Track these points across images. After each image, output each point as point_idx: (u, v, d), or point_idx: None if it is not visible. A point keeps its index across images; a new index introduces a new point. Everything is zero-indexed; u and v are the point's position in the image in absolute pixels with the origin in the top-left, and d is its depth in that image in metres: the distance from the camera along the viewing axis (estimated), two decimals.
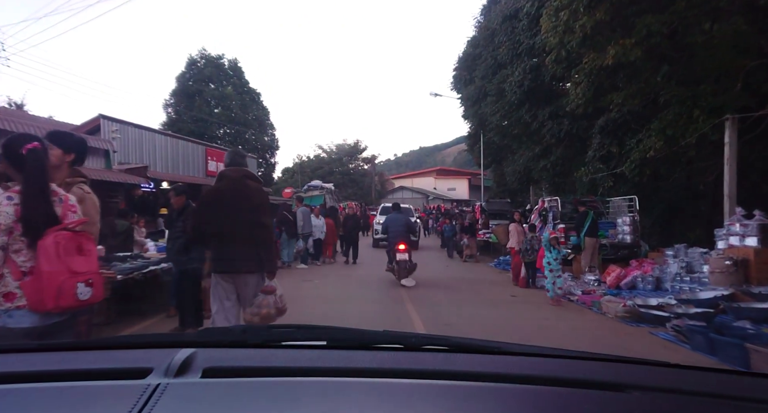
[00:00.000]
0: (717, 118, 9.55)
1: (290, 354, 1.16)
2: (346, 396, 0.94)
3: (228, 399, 0.90)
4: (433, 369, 1.06)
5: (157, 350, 1.17)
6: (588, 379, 1.04)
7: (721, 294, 6.84)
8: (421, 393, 0.96)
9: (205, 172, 20.87)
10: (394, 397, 0.94)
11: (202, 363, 1.02)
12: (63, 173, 2.94)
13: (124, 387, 0.94)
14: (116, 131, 15.33)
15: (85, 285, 2.20)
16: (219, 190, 4.06)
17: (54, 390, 0.95)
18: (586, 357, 1.22)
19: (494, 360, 1.19)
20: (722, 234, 8.22)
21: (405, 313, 7.06)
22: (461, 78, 22.42)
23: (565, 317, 7.26)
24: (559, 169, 17.18)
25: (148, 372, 0.98)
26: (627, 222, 11.43)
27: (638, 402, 0.96)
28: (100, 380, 0.99)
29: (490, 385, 0.99)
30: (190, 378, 0.97)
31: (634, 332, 6.21)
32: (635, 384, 1.01)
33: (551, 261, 8.56)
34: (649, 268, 9.71)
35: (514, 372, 1.07)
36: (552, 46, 11.23)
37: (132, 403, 0.86)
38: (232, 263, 3.90)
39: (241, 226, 3.88)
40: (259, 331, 1.50)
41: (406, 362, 1.12)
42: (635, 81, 10.80)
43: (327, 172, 45.77)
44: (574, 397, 0.96)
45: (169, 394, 0.89)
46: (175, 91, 34.52)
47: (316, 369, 1.04)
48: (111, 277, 5.11)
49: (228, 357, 1.12)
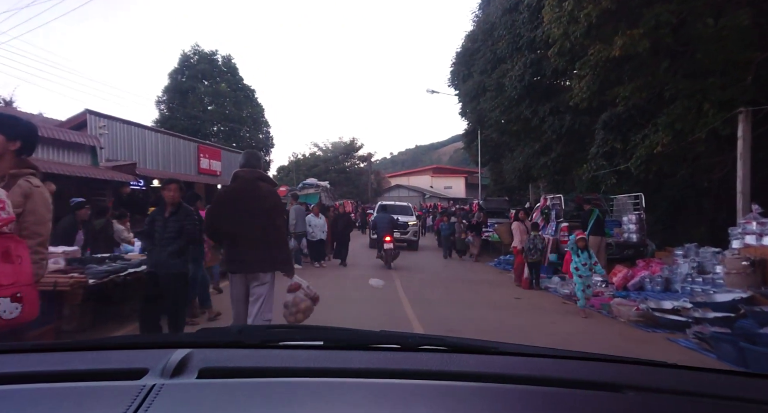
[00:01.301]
0: (728, 111, 9.17)
1: (287, 355, 1.15)
2: (342, 396, 0.92)
3: (224, 400, 0.89)
4: (430, 370, 1.05)
5: (153, 350, 1.16)
6: (585, 379, 1.04)
7: (740, 297, 6.43)
8: (419, 393, 0.95)
9: (197, 170, 20.40)
10: (391, 398, 0.92)
11: (198, 364, 1.01)
12: (5, 163, 2.51)
13: (119, 387, 0.93)
14: (103, 127, 14.87)
15: (11, 300, 1.75)
16: (233, 191, 4.19)
17: (49, 391, 0.94)
18: (584, 357, 1.22)
19: (492, 360, 1.18)
20: (737, 232, 7.83)
21: (404, 317, 6.65)
22: (459, 73, 21.98)
23: (574, 321, 6.85)
24: (560, 166, 16.80)
25: (143, 372, 0.97)
26: (633, 221, 11.03)
27: (635, 402, 0.95)
28: (95, 381, 0.97)
29: (487, 385, 0.98)
30: (186, 379, 0.96)
31: (650, 338, 5.80)
32: (632, 384, 1.00)
33: (579, 266, 7.65)
34: (657, 268, 9.32)
35: (511, 372, 1.06)
36: (555, 38, 10.79)
37: (127, 404, 0.84)
38: (246, 263, 4.01)
39: (254, 227, 3.97)
40: (255, 331, 1.50)
41: (404, 362, 1.11)
42: (642, 73, 10.38)
43: (323, 171, 45.26)
44: (572, 397, 0.95)
45: (164, 395, 0.88)
46: (168, 88, 34.01)
47: (312, 370, 1.03)
48: (81, 282, 4.68)
49: (224, 357, 1.10)
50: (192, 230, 5.04)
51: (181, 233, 4.95)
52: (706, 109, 9.45)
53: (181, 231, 4.96)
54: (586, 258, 7.66)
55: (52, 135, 12.35)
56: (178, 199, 5.04)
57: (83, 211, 7.00)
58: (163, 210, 5.04)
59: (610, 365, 1.20)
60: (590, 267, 7.64)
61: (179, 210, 5.02)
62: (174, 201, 5.01)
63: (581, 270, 7.59)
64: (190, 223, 5.02)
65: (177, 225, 4.94)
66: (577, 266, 7.67)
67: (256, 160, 4.31)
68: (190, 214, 5.10)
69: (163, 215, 5.00)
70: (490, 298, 8.78)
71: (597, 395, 0.98)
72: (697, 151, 10.15)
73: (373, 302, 7.85)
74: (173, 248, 4.91)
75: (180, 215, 4.99)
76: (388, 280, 9.78)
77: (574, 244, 7.80)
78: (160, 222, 4.99)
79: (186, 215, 5.04)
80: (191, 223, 5.03)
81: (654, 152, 10.14)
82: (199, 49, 35.11)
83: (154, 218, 5.06)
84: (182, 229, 4.95)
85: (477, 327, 6.21)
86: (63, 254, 5.66)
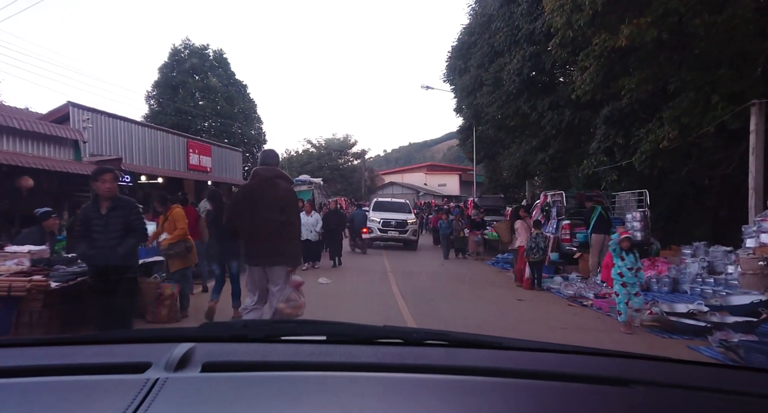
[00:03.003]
0: (738, 104, 8.80)
1: (290, 349, 1.14)
2: (346, 390, 0.92)
3: (228, 394, 0.88)
4: (434, 364, 1.04)
5: (157, 344, 1.15)
6: (590, 374, 1.03)
7: (759, 300, 6.05)
8: (423, 387, 0.94)
9: (186, 166, 19.82)
10: (395, 392, 0.92)
11: (202, 358, 1.00)
12: None
13: (123, 381, 0.92)
14: (87, 120, 14.28)
15: None
16: (252, 187, 4.49)
17: (53, 385, 0.94)
18: (589, 352, 1.22)
19: (496, 355, 1.17)
20: (751, 231, 7.44)
21: (403, 323, 6.21)
22: (455, 68, 21.51)
23: (584, 326, 6.43)
24: (557, 163, 16.43)
25: (147, 366, 0.97)
26: (637, 218, 10.63)
27: (641, 396, 0.94)
28: (99, 374, 0.97)
29: (491, 380, 0.97)
30: (190, 373, 0.95)
31: (669, 345, 5.37)
32: (638, 379, 0.99)
33: (624, 271, 6.21)
34: (664, 268, 8.95)
35: (515, 366, 1.05)
36: (557, 28, 10.37)
37: (131, 398, 0.84)
38: (262, 257, 4.33)
39: (270, 222, 4.26)
40: (259, 326, 1.51)
41: (407, 357, 1.10)
42: (648, 65, 9.98)
43: (316, 168, 44.68)
44: (577, 392, 0.95)
45: (168, 389, 0.88)
46: (158, 83, 33.30)
47: (316, 364, 1.03)
48: (40, 286, 4.20)
49: (228, 351, 1.09)
50: (142, 226, 4.42)
51: (127, 231, 4.32)
52: (714, 102, 9.08)
53: (127, 228, 4.32)
54: (632, 261, 6.27)
55: (31, 128, 11.79)
56: (115, 191, 4.39)
57: (50, 222, 6.10)
58: (98, 206, 4.29)
59: (616, 360, 1.18)
60: (635, 273, 6.27)
61: (119, 204, 4.34)
62: (111, 194, 4.33)
63: (626, 277, 6.20)
64: (136, 218, 4.40)
65: (120, 222, 4.28)
66: (621, 271, 6.26)
67: (273, 158, 4.67)
68: (134, 207, 4.45)
69: (99, 212, 4.27)
70: (491, 300, 8.34)
71: (603, 389, 0.97)
72: (704, 146, 9.76)
73: (372, 315, 7.42)
74: (125, 249, 4.27)
75: (122, 210, 4.32)
76: (385, 284, 9.35)
77: (617, 245, 6.38)
78: (98, 221, 4.26)
79: (130, 209, 4.38)
80: (138, 218, 4.41)
81: (660, 147, 9.77)
82: (189, 43, 34.36)
83: (89, 216, 4.29)
84: (129, 226, 4.32)
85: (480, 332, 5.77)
86: (29, 254, 5.16)
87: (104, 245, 4.17)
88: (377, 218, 17.42)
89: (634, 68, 10.27)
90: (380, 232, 17.13)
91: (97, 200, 4.30)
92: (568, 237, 10.94)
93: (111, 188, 4.28)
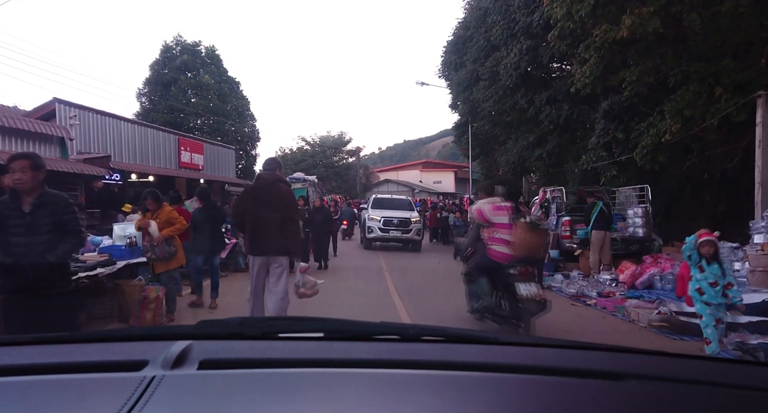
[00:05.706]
0: (743, 96, 8.56)
1: (287, 346, 1.14)
2: (343, 386, 0.92)
3: (225, 391, 0.88)
4: (431, 360, 1.05)
5: (153, 342, 1.15)
6: (585, 369, 1.02)
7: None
8: (420, 383, 0.94)
9: (177, 164, 19.46)
10: (392, 387, 0.92)
11: (199, 355, 0.99)
12: None
13: (119, 379, 0.92)
14: (74, 117, 13.93)
15: None
16: (256, 188, 5.17)
17: (49, 383, 0.93)
18: (584, 346, 1.21)
19: (492, 350, 1.18)
20: (760, 226, 7.21)
21: (399, 321, 5.93)
22: (451, 63, 21.20)
23: (590, 327, 6.18)
24: (555, 158, 16.19)
25: (143, 364, 0.96)
26: (639, 214, 10.40)
27: (636, 390, 0.95)
28: (96, 372, 0.97)
29: (488, 375, 0.97)
30: (187, 371, 0.95)
31: (682, 348, 5.09)
32: (633, 373, 0.99)
33: (705, 286, 4.64)
34: (667, 265, 8.69)
35: (511, 362, 1.06)
36: (557, 19, 10.10)
37: (128, 395, 0.83)
38: (266, 249, 4.91)
39: (273, 219, 4.87)
40: (256, 323, 1.52)
41: (404, 353, 1.10)
42: (650, 56, 9.72)
43: (310, 165, 44.42)
44: (572, 386, 0.95)
45: (165, 386, 0.87)
46: (149, 80, 32.84)
47: (313, 361, 1.02)
48: None
49: (225, 349, 1.09)
50: (78, 227, 3.48)
51: (58, 232, 3.34)
52: (718, 94, 8.83)
53: (59, 228, 3.34)
54: (716, 272, 4.63)
55: (15, 125, 11.45)
56: (30, 184, 3.28)
57: None
58: (18, 203, 3.28)
59: (610, 354, 1.18)
60: (722, 290, 4.62)
61: (47, 200, 3.32)
62: (25, 186, 3.27)
63: (708, 294, 4.61)
64: (71, 218, 3.43)
65: (48, 222, 3.29)
66: (700, 286, 4.67)
67: (275, 165, 5.35)
68: (67, 204, 3.46)
69: (20, 209, 3.26)
70: None
71: (597, 384, 0.97)
72: (709, 138, 9.51)
73: (367, 313, 7.13)
74: (57, 256, 3.31)
75: (51, 207, 3.33)
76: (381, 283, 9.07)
77: (694, 251, 4.74)
78: (17, 220, 3.25)
79: (63, 206, 3.40)
80: (73, 217, 3.45)
81: (662, 141, 9.53)
82: (181, 39, 33.90)
83: (3, 215, 3.26)
84: (61, 227, 3.34)
85: None
86: None
87: (26, 252, 3.20)
88: (377, 216, 15.75)
89: (634, 60, 10.01)
90: (381, 232, 15.54)
91: (16, 195, 3.30)
92: (568, 233, 10.70)
93: (21, 179, 3.23)
